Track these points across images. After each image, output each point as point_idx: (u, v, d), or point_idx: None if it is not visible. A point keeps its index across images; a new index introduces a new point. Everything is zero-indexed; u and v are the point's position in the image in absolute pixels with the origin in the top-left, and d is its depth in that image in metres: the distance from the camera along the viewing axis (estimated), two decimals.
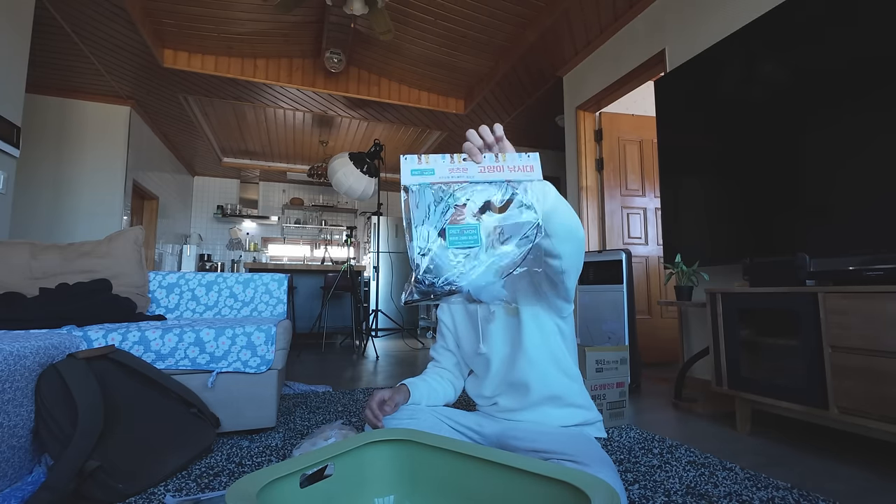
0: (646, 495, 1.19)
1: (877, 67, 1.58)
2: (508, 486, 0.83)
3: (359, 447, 0.93)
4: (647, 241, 3.57)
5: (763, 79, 2.00)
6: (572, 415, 1.19)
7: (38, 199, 3.96)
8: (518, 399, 1.20)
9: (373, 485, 0.95)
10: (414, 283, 0.73)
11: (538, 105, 4.41)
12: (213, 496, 1.14)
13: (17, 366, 1.11)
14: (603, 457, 1.05)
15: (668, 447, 1.58)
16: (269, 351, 1.69)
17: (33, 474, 1.12)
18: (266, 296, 2.37)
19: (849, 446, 1.62)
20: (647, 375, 2.96)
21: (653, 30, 2.87)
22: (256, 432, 1.70)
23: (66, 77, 3.88)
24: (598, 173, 3.57)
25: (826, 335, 1.49)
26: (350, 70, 4.17)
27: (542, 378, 1.15)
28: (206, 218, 7.11)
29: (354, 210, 7.65)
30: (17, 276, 1.84)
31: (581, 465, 0.91)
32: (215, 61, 3.81)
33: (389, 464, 0.96)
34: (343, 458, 0.89)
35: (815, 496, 1.19)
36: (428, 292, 0.73)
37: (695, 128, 2.38)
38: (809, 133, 1.81)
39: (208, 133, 5.48)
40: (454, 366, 1.32)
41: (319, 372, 3.09)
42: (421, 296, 0.74)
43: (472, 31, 3.43)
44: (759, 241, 1.99)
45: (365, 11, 2.77)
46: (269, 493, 0.73)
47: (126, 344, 1.56)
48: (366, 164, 4.18)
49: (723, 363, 1.86)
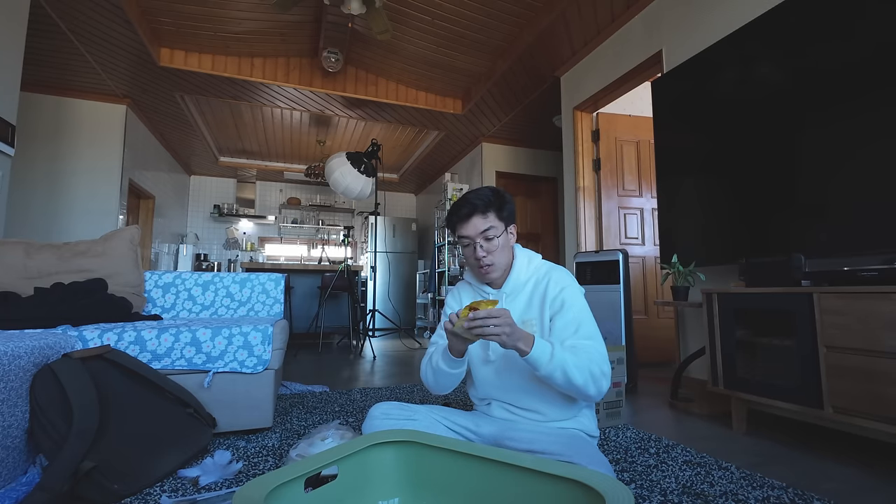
0: (642, 495, 1.19)
1: (873, 69, 1.59)
2: (518, 487, 0.83)
3: (363, 449, 0.93)
4: (643, 241, 3.58)
5: (759, 80, 2.01)
6: (569, 413, 1.20)
7: (33, 198, 3.93)
8: (518, 400, 1.21)
9: (377, 487, 0.94)
10: None
11: (535, 105, 4.41)
12: (210, 496, 1.14)
13: (11, 366, 1.10)
14: (599, 458, 1.05)
15: (664, 447, 1.59)
16: (265, 351, 1.69)
17: (28, 475, 1.11)
18: (263, 296, 2.37)
19: (844, 446, 1.63)
20: (644, 375, 2.97)
21: (650, 31, 2.88)
22: (253, 432, 1.69)
23: (61, 75, 3.85)
24: (596, 174, 3.58)
25: (821, 335, 1.50)
26: (347, 69, 4.16)
27: (544, 389, 1.16)
28: (203, 217, 7.08)
29: (352, 210, 7.64)
30: (11, 276, 1.83)
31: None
32: (212, 60, 3.79)
33: (394, 466, 0.95)
34: (347, 461, 0.89)
35: (810, 495, 1.19)
36: None
37: (691, 129, 2.39)
38: (805, 134, 1.81)
39: (205, 132, 5.46)
40: None
41: (316, 372, 3.08)
42: None
43: (470, 31, 3.42)
44: (755, 242, 2.00)
45: (363, 11, 2.77)
46: (276, 498, 0.73)
47: (122, 344, 1.55)
48: (363, 164, 4.17)
49: (719, 363, 1.87)
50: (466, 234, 1.22)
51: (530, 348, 1.03)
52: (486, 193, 1.23)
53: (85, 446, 1.09)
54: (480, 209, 1.21)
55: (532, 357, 1.03)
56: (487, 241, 1.21)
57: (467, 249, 1.24)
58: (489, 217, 1.21)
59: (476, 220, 1.21)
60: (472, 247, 1.22)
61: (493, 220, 1.21)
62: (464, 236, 1.23)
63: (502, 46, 3.60)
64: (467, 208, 1.21)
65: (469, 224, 1.21)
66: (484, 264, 1.22)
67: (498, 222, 1.22)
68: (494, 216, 1.22)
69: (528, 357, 1.03)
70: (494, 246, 1.21)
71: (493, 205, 1.22)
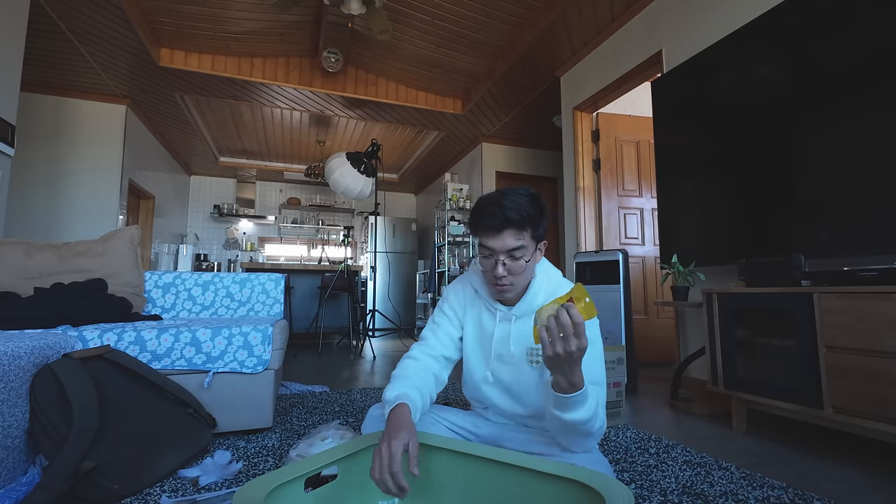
0: (642, 495, 1.19)
1: (873, 69, 1.59)
2: (518, 487, 0.83)
3: (363, 449, 0.92)
4: (643, 241, 3.58)
5: (759, 80, 2.01)
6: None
7: (32, 198, 3.93)
8: (517, 409, 1.15)
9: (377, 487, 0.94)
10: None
11: (535, 105, 4.41)
12: (210, 497, 1.14)
13: (11, 366, 1.10)
14: (599, 458, 1.05)
15: (664, 447, 1.59)
16: (265, 351, 1.69)
17: (28, 475, 1.11)
18: (263, 296, 2.37)
19: (844, 446, 1.63)
20: (644, 375, 2.97)
21: (650, 31, 2.88)
22: (253, 433, 1.69)
23: (61, 75, 3.85)
24: (595, 174, 3.58)
25: (821, 335, 1.50)
26: (347, 70, 4.16)
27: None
28: (203, 217, 7.08)
29: (352, 210, 7.64)
30: (11, 276, 1.83)
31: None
32: (212, 60, 3.79)
33: None
34: (347, 461, 0.89)
35: (810, 495, 1.19)
36: None
37: (691, 129, 2.39)
38: (805, 134, 1.81)
39: (205, 132, 5.46)
40: (443, 357, 1.16)
41: (316, 372, 3.08)
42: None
43: (470, 31, 3.43)
44: (755, 242, 2.00)
45: (362, 11, 2.77)
46: (276, 498, 0.73)
47: (122, 344, 1.55)
48: (363, 164, 4.17)
49: (719, 363, 1.87)
50: (491, 246, 1.03)
51: (583, 386, 0.88)
52: (524, 205, 1.02)
53: (85, 446, 1.09)
54: (516, 224, 1.01)
55: (573, 397, 0.88)
56: (513, 261, 1.03)
57: (486, 261, 1.06)
58: (523, 235, 1.02)
59: (508, 235, 1.01)
60: (494, 261, 1.04)
61: (526, 238, 1.03)
62: (487, 247, 1.04)
63: (502, 46, 3.60)
64: (500, 219, 1.01)
65: (498, 238, 1.02)
66: (501, 284, 1.06)
67: (531, 241, 1.04)
68: (529, 234, 1.03)
69: (571, 395, 0.88)
70: (519, 267, 1.04)
71: (531, 221, 1.02)
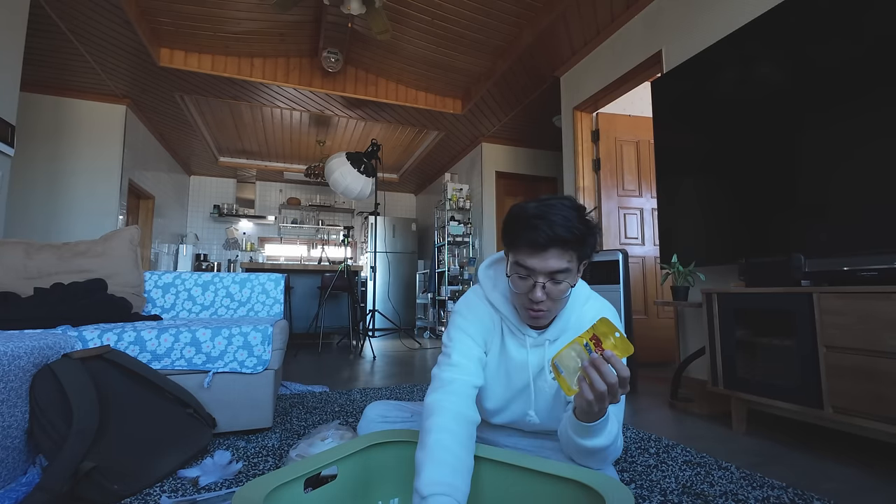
0: (642, 495, 1.19)
1: (873, 69, 1.59)
2: (518, 487, 0.83)
3: (363, 449, 0.92)
4: (643, 241, 3.58)
5: (759, 80, 2.01)
6: None
7: (32, 198, 3.93)
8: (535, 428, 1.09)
9: (377, 487, 0.94)
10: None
11: (535, 105, 4.41)
12: (209, 497, 1.14)
13: (11, 366, 1.10)
14: None
15: (664, 447, 1.59)
16: (265, 351, 1.69)
17: (27, 475, 1.11)
18: (263, 296, 2.37)
19: (844, 446, 1.63)
20: (644, 375, 2.97)
21: (650, 31, 2.88)
22: (253, 433, 1.69)
23: (61, 75, 3.85)
24: (595, 174, 3.58)
25: (821, 335, 1.50)
26: (347, 70, 4.16)
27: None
28: (203, 217, 7.08)
29: (352, 210, 7.64)
30: (11, 276, 1.83)
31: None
32: (212, 60, 3.79)
33: (394, 466, 0.95)
34: (347, 461, 0.89)
35: (810, 495, 1.19)
36: None
37: (691, 129, 2.39)
38: (805, 134, 1.81)
39: (205, 132, 5.46)
40: (474, 387, 0.97)
41: (316, 372, 3.08)
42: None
43: (470, 31, 3.42)
44: (755, 242, 2.00)
45: (362, 11, 2.77)
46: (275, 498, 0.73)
47: (122, 344, 1.55)
48: (363, 164, 4.17)
49: (719, 363, 1.87)
50: (530, 266, 0.88)
51: (606, 412, 0.82)
52: (573, 220, 0.87)
53: (85, 446, 1.09)
54: (564, 243, 0.86)
55: (596, 424, 0.82)
56: (554, 285, 0.88)
57: (522, 282, 0.90)
58: (570, 256, 0.88)
59: (553, 256, 0.86)
60: (532, 284, 0.89)
61: (573, 260, 0.88)
62: (525, 267, 0.88)
63: (502, 46, 3.60)
64: (548, 235, 0.85)
65: (541, 257, 0.86)
66: (537, 310, 0.91)
67: (576, 263, 0.90)
68: (576, 255, 0.89)
69: (594, 423, 0.82)
70: (560, 292, 0.89)
71: (581, 241, 0.88)
